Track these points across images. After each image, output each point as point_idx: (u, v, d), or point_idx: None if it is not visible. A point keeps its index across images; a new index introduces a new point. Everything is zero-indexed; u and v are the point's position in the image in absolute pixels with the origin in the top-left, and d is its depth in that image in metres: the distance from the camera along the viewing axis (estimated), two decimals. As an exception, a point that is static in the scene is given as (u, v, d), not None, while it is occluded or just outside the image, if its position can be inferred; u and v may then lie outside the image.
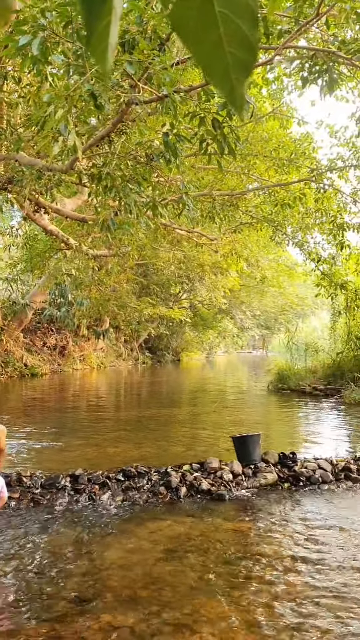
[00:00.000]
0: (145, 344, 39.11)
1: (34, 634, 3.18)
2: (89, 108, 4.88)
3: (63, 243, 13.62)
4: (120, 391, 19.52)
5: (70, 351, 27.93)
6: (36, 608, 3.51)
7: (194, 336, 45.94)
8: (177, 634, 3.17)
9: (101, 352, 31.77)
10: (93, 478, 5.96)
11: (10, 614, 3.43)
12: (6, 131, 7.39)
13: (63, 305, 24.98)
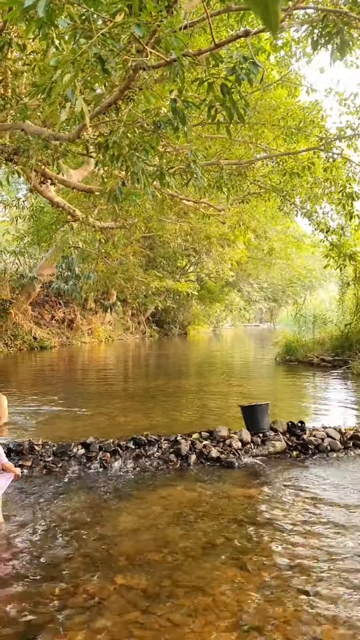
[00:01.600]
0: (153, 317, 39.17)
1: (49, 596, 3.26)
2: (95, 74, 4.79)
3: (69, 215, 13.55)
4: (129, 363, 19.62)
5: (79, 324, 28.04)
6: (51, 571, 3.59)
7: (200, 309, 45.92)
8: (190, 596, 3.24)
9: (109, 326, 31.86)
10: (104, 446, 6.03)
11: (26, 577, 3.51)
12: (11, 100, 7.30)
13: (70, 279, 24.94)
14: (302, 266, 39.35)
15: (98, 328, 29.70)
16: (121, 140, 6.34)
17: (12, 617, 3.04)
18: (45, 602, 3.19)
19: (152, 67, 5.02)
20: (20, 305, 23.04)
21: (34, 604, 3.17)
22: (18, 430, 7.21)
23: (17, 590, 3.35)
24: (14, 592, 3.33)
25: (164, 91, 8.47)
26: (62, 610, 3.10)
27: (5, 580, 3.48)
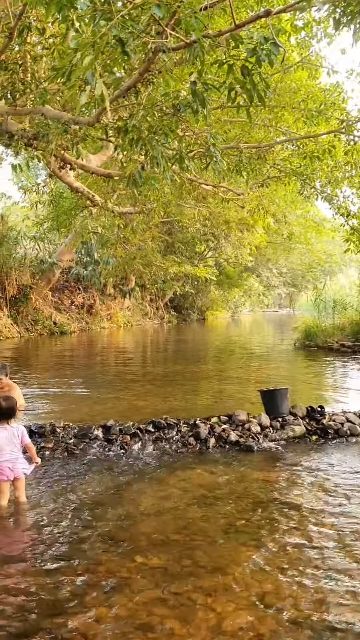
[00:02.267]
0: (171, 302, 39.21)
1: (71, 573, 3.33)
2: (115, 56, 4.77)
3: (89, 200, 13.56)
4: (147, 348, 19.72)
5: (98, 310, 28.20)
6: (73, 549, 3.66)
7: (219, 295, 45.83)
8: (210, 576, 3.29)
9: (127, 311, 31.99)
10: (124, 429, 6.10)
11: (49, 555, 3.59)
12: (31, 84, 7.30)
13: (89, 264, 25.14)
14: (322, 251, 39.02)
15: (117, 313, 29.85)
16: (140, 124, 6.32)
17: (35, 593, 3.11)
18: (67, 579, 3.26)
19: (172, 49, 4.98)
20: (41, 291, 23.23)
21: (56, 581, 3.24)
22: (40, 413, 7.32)
23: (40, 567, 3.42)
24: (36, 569, 3.40)
25: (183, 74, 8.41)
26: (84, 587, 3.16)
27: (27, 558, 3.56)
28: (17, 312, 21.66)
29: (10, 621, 2.83)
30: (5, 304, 21.30)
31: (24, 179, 27.89)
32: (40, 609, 2.95)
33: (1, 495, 4.37)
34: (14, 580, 3.28)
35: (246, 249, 30.49)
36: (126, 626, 2.78)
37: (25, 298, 22.00)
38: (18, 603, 3.02)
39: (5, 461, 4.35)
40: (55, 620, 2.83)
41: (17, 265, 22.22)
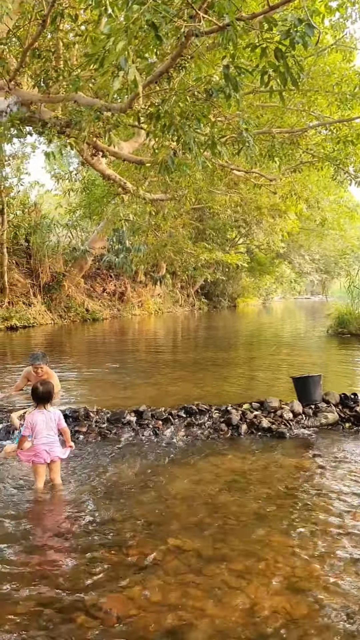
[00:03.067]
0: (202, 289, 39.16)
1: (106, 554, 3.39)
2: (148, 41, 4.76)
3: (120, 188, 13.58)
4: (178, 335, 19.77)
5: (129, 297, 28.36)
6: (107, 531, 3.73)
7: (250, 282, 45.55)
8: (243, 559, 3.31)
9: (158, 298, 32.09)
10: (156, 414, 6.16)
11: (83, 536, 3.66)
12: (64, 72, 7.33)
13: (121, 252, 25.23)
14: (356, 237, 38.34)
15: (148, 300, 29.97)
16: (172, 110, 6.29)
17: (72, 572, 3.18)
18: (101, 560, 3.32)
19: (205, 33, 4.93)
20: (73, 278, 23.47)
21: (91, 561, 3.31)
22: (73, 398, 7.43)
23: (76, 547, 3.50)
24: (72, 549, 3.48)
25: (214, 59, 8.32)
26: (118, 568, 3.22)
27: (64, 538, 3.64)
28: (51, 300, 21.94)
29: (48, 598, 2.91)
30: (39, 291, 21.59)
31: (56, 167, 28.10)
32: (76, 587, 3.02)
33: (38, 477, 4.46)
34: (51, 559, 3.36)
35: (278, 235, 30.16)
36: (159, 606, 2.83)
37: (59, 285, 22.25)
38: (55, 581, 3.10)
39: (42, 444, 4.44)
40: (90, 598, 2.90)
41: (50, 253, 22.47)
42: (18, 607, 2.82)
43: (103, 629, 2.65)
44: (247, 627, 2.69)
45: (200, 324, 25.33)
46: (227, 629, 2.67)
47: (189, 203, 17.19)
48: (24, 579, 3.11)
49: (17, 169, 20.45)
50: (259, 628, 2.68)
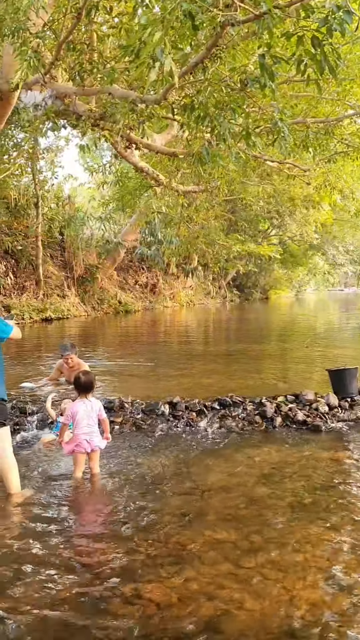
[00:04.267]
0: (233, 281, 39.02)
1: (144, 543, 3.43)
2: (183, 32, 4.74)
3: (153, 180, 13.60)
4: (210, 327, 19.75)
5: (161, 289, 28.46)
6: (143, 521, 3.76)
7: (282, 273, 45.16)
8: (279, 552, 3.30)
9: (190, 290, 32.11)
10: (190, 406, 6.18)
11: (122, 525, 3.70)
12: (98, 64, 7.36)
13: (153, 244, 25.32)
14: (392, 228, 37.59)
15: (179, 292, 30.02)
16: (207, 101, 6.26)
17: (110, 560, 3.23)
18: (139, 549, 3.35)
19: (241, 22, 4.88)
20: (106, 271, 23.65)
21: (128, 551, 3.34)
22: (108, 389, 7.50)
23: (114, 536, 3.55)
24: (110, 538, 3.53)
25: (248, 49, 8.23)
26: (155, 558, 3.24)
27: (102, 527, 3.70)
28: (84, 292, 22.16)
29: (88, 587, 2.95)
30: (73, 283, 21.83)
31: (90, 160, 28.27)
32: (115, 575, 3.06)
33: (77, 466, 4.53)
34: (91, 547, 3.41)
35: (311, 227, 29.82)
36: (197, 597, 2.84)
37: (92, 278, 22.46)
38: (94, 568, 3.14)
39: (83, 434, 4.50)
40: (129, 587, 2.93)
41: (84, 246, 22.68)
42: (59, 593, 2.87)
43: (142, 616, 2.68)
44: (284, 620, 2.68)
45: (232, 316, 25.25)
46: (265, 620, 2.67)
47: (221, 195, 17.10)
48: (64, 565, 3.17)
49: (51, 162, 20.65)
50: (297, 621, 2.67)
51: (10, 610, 2.71)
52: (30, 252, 20.12)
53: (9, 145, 15.42)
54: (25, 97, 10.11)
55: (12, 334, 4.21)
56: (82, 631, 2.58)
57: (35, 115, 8.94)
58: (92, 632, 2.57)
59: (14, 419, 5.96)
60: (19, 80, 7.37)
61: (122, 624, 2.63)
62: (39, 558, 3.24)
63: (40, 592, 2.87)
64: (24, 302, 18.53)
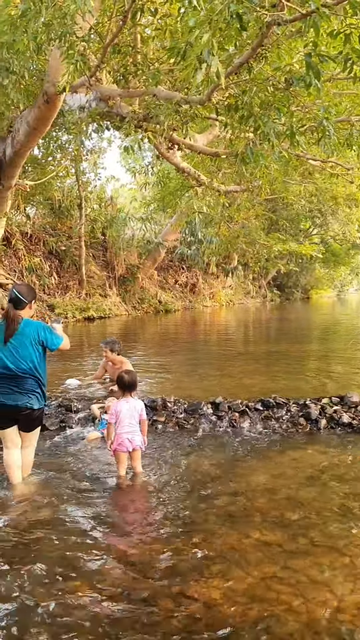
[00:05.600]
0: (274, 281, 38.70)
1: (188, 543, 3.45)
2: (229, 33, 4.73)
3: (195, 180, 13.64)
4: (250, 327, 19.66)
5: (200, 288, 28.47)
6: (189, 520, 3.79)
7: (324, 273, 44.52)
8: (326, 555, 3.28)
9: (230, 290, 32.01)
10: (233, 406, 6.17)
11: (166, 524, 3.73)
12: (143, 66, 7.42)
13: (193, 244, 25.36)
14: None
15: (219, 292, 29.96)
16: (252, 100, 6.24)
17: (155, 560, 3.26)
18: (184, 549, 3.37)
19: (289, 21, 4.85)
20: (147, 270, 23.82)
21: (174, 550, 3.37)
22: (150, 387, 7.56)
23: (159, 535, 3.58)
24: (155, 537, 3.56)
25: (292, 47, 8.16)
26: (201, 558, 3.26)
27: (147, 526, 3.73)
28: (125, 291, 22.38)
29: (133, 584, 2.99)
30: (114, 283, 22.07)
31: (131, 161, 28.51)
32: (161, 575, 3.09)
33: (120, 465, 4.59)
34: (135, 546, 3.45)
35: (354, 226, 29.29)
36: (244, 598, 2.85)
37: (133, 277, 22.66)
38: (139, 567, 3.18)
39: (125, 433, 4.54)
40: (175, 586, 2.96)
41: (125, 246, 22.90)
42: (107, 590, 2.92)
43: (189, 616, 2.70)
44: (331, 624, 2.67)
45: (273, 316, 25.06)
46: (311, 624, 2.66)
47: (263, 194, 17.00)
48: (110, 563, 3.22)
49: (94, 163, 20.92)
50: (345, 625, 2.65)
51: (63, 605, 2.77)
52: (74, 253, 20.44)
53: (54, 147, 15.70)
54: (70, 100, 10.30)
55: (62, 345, 4.32)
56: (132, 627, 2.62)
57: (80, 118, 9.09)
58: (141, 628, 2.61)
59: (60, 416, 6.08)
60: (65, 84, 7.51)
61: (171, 621, 2.66)
62: (85, 555, 3.29)
63: (89, 589, 2.93)
64: (67, 301, 18.83)
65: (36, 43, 6.97)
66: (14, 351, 4.14)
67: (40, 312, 16.23)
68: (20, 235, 18.79)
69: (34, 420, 4.32)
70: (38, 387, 4.25)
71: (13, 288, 4.34)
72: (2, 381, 4.17)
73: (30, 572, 3.08)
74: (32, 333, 4.18)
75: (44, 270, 19.21)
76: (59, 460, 5.00)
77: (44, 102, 9.66)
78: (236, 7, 3.80)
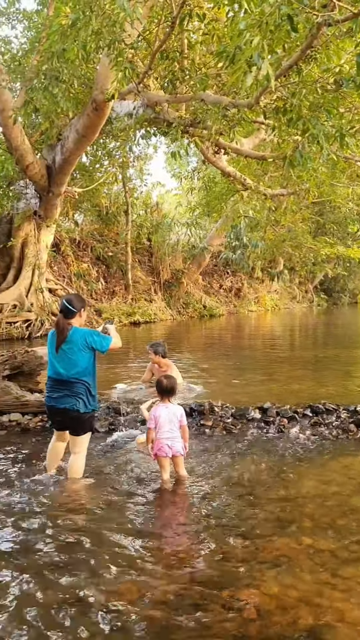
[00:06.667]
0: (321, 285, 38.10)
1: (239, 548, 3.42)
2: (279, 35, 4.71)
3: (240, 184, 13.60)
4: (296, 332, 19.41)
5: (245, 293, 28.31)
6: (238, 525, 3.76)
7: (373, 277, 43.46)
8: (379, 563, 3.20)
9: (275, 294, 31.70)
10: (281, 412, 6.10)
11: (215, 529, 3.71)
12: (190, 71, 7.46)
13: (238, 248, 25.28)
14: None
15: (264, 296, 29.72)
16: (301, 103, 6.19)
17: (205, 565, 3.25)
18: (235, 554, 3.35)
19: (341, 21, 4.79)
20: (192, 275, 23.88)
21: (224, 555, 3.34)
22: (196, 392, 7.56)
23: (207, 540, 3.56)
24: (204, 542, 3.54)
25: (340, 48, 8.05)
26: (252, 564, 3.22)
27: (195, 531, 3.72)
28: (170, 296, 22.49)
29: (186, 589, 2.98)
30: (159, 288, 22.23)
31: (176, 167, 28.68)
32: (211, 580, 3.07)
33: (163, 469, 4.56)
34: (184, 551, 3.44)
35: None
36: (297, 605, 2.81)
37: (178, 282, 22.75)
38: (189, 572, 3.17)
39: (165, 438, 4.49)
40: (227, 591, 2.94)
41: (170, 251, 23.04)
42: (160, 594, 2.92)
43: (242, 622, 2.68)
44: (388, 635, 2.59)
45: (320, 321, 24.69)
46: (367, 634, 2.59)
47: (310, 197, 16.80)
48: (161, 567, 3.22)
49: (140, 169, 21.15)
50: None
51: (113, 609, 2.79)
52: (120, 258, 20.70)
53: (101, 154, 15.95)
54: (118, 107, 10.46)
55: (112, 345, 4.47)
56: (184, 632, 2.61)
57: (128, 124, 9.20)
58: (195, 632, 2.60)
59: (109, 418, 6.15)
60: (114, 91, 7.62)
61: (222, 627, 2.64)
62: (134, 559, 3.30)
63: (142, 592, 2.94)
64: (114, 306, 19.07)
65: (85, 51, 7.11)
66: (65, 358, 4.37)
67: (87, 317, 16.48)
68: (69, 242, 19.17)
69: (82, 423, 4.47)
70: (86, 392, 4.43)
71: (63, 298, 4.56)
72: (55, 385, 4.44)
73: (78, 574, 3.12)
74: (80, 340, 4.36)
75: (92, 275, 19.53)
76: (107, 462, 5.05)
77: (93, 109, 9.84)
78: (287, 9, 3.78)
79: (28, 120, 12.40)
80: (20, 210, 14.86)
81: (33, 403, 6.18)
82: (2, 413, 6.28)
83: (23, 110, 10.74)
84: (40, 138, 13.39)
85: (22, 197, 14.94)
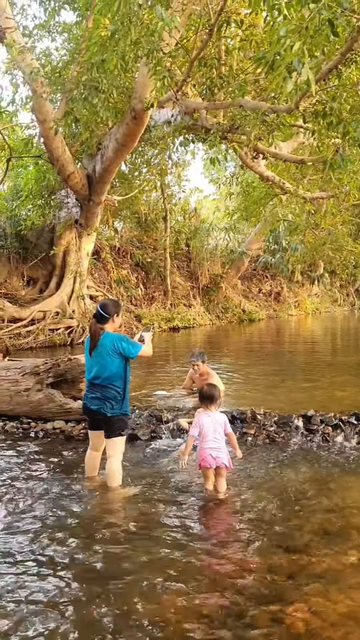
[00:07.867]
0: (362, 288, 37.40)
1: (284, 561, 3.37)
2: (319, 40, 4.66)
3: (279, 188, 13.49)
4: (338, 336, 19.10)
5: (285, 297, 28.04)
6: (283, 537, 3.71)
7: None
8: None
9: (315, 298, 31.28)
10: (325, 419, 6.00)
11: (259, 540, 3.67)
12: (229, 78, 7.46)
13: (277, 252, 25.04)
14: None
15: (304, 300, 29.36)
16: (341, 106, 6.10)
17: (250, 577, 3.21)
18: (281, 567, 3.31)
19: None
20: (230, 280, 23.80)
21: (270, 568, 3.30)
22: (238, 399, 7.50)
23: (253, 552, 3.52)
24: (250, 553, 3.50)
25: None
26: (299, 578, 3.17)
27: (239, 542, 3.68)
28: (209, 301, 22.46)
29: (231, 602, 2.95)
30: (198, 293, 22.22)
31: (214, 173, 28.68)
32: (258, 593, 3.04)
33: (206, 479, 4.52)
34: (230, 563, 3.40)
35: None
36: (347, 621, 2.75)
37: (216, 287, 22.70)
38: (235, 584, 3.13)
39: (209, 448, 4.44)
40: (273, 605, 2.90)
41: (208, 256, 23.01)
42: (203, 607, 2.90)
43: (289, 636, 2.63)
44: None
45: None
46: None
47: (351, 200, 16.54)
48: (206, 579, 3.20)
49: (178, 176, 21.21)
50: None
51: (158, 621, 2.78)
52: (159, 264, 20.80)
53: (140, 162, 16.08)
54: (156, 115, 10.53)
55: (141, 352, 4.59)
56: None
57: (167, 132, 9.25)
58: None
59: (151, 426, 6.16)
60: (152, 99, 7.67)
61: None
62: (180, 570, 3.29)
63: (186, 604, 2.92)
64: (153, 311, 19.16)
65: (124, 61, 7.18)
66: (97, 362, 4.55)
67: (127, 323, 16.59)
68: (109, 249, 19.37)
69: (112, 426, 4.56)
70: (115, 395, 4.54)
71: (98, 304, 4.70)
72: (90, 387, 4.65)
73: (122, 586, 3.12)
74: (109, 345, 4.48)
75: (131, 282, 19.68)
76: (149, 470, 5.06)
77: (132, 118, 9.93)
78: (327, 14, 3.73)
79: (68, 131, 12.60)
80: (61, 219, 15.11)
81: (76, 410, 6.25)
82: (47, 420, 6.38)
83: (64, 121, 10.93)
84: (80, 148, 13.59)
85: (63, 207, 15.19)
